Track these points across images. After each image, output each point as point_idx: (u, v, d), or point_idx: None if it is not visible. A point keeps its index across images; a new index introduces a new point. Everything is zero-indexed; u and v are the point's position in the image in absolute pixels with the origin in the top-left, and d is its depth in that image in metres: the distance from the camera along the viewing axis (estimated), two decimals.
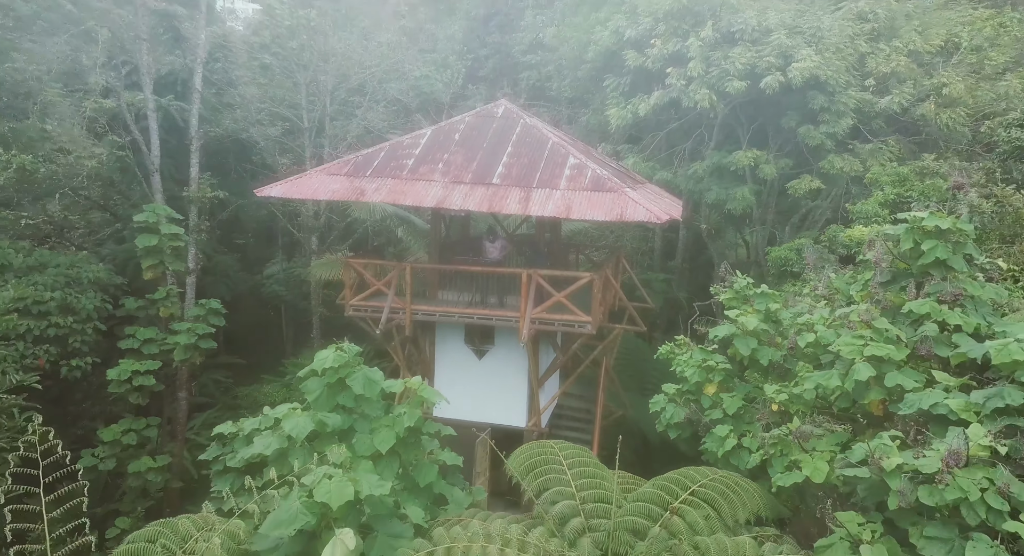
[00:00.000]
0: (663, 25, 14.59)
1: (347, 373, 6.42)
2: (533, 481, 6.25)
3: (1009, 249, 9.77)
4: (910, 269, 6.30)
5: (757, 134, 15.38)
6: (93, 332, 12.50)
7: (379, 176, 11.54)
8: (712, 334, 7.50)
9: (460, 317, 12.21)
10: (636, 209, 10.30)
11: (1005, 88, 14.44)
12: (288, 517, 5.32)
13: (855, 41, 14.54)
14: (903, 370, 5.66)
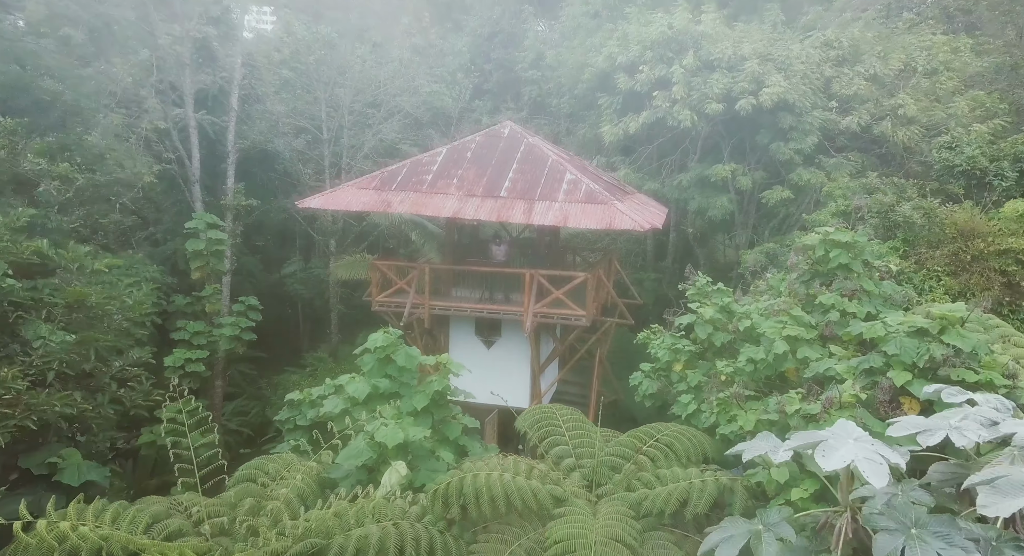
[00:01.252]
0: (651, 53, 16.64)
1: (392, 350, 8.48)
2: (536, 432, 8.30)
3: (934, 253, 11.83)
4: (822, 271, 8.36)
5: (736, 149, 17.42)
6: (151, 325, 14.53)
7: (403, 189, 13.60)
8: (677, 322, 9.56)
9: (471, 312, 14.29)
10: (623, 219, 12.35)
11: (954, 109, 16.46)
12: (356, 453, 7.40)
13: (821, 66, 16.59)
14: (812, 346, 7.71)
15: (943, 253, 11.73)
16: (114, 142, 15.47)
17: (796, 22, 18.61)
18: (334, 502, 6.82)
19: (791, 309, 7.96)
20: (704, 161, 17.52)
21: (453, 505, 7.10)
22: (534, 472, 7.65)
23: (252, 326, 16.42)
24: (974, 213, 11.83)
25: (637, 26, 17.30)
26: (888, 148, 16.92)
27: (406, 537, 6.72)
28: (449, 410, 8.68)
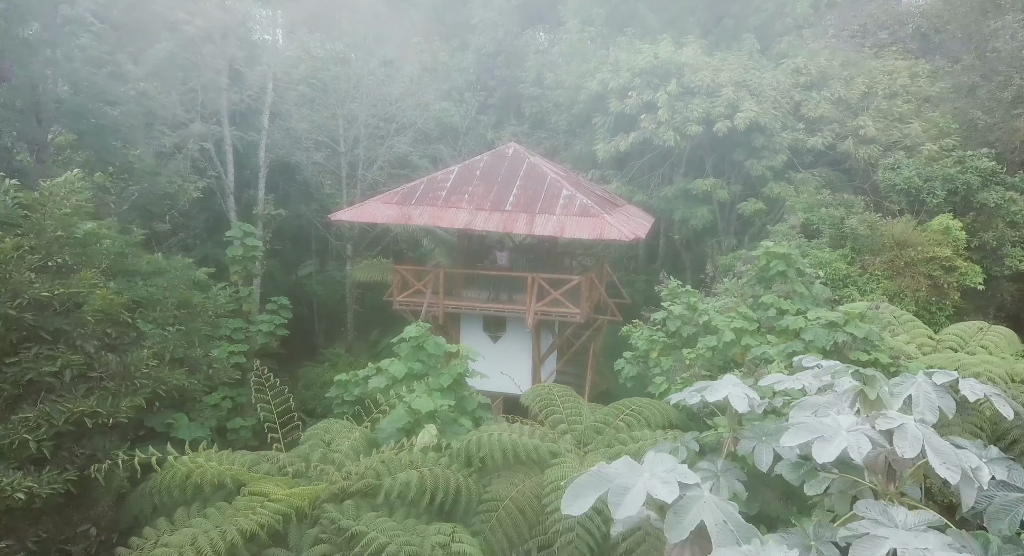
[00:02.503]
0: (639, 79, 18.92)
1: (423, 340, 10.75)
2: (538, 404, 10.58)
3: (875, 259, 14.12)
4: (765, 276, 10.64)
5: (716, 164, 19.70)
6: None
7: (421, 204, 15.89)
8: (653, 317, 11.84)
9: (480, 310, 16.58)
10: (611, 230, 14.63)
11: (909, 130, 18.74)
12: (398, 418, 9.69)
13: (791, 92, 18.89)
14: (753, 336, 9.99)
15: (882, 259, 14.03)
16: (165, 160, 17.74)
17: (771, 49, 20.89)
18: (382, 453, 9.09)
19: (739, 307, 10.24)
20: (688, 175, 19.80)
21: (473, 457, 9.36)
22: (536, 433, 9.92)
23: (284, 323, 18.71)
24: (908, 226, 14.13)
25: (627, 54, 19.58)
26: (852, 164, 19.19)
27: (438, 480, 8.97)
28: (468, 388, 10.95)
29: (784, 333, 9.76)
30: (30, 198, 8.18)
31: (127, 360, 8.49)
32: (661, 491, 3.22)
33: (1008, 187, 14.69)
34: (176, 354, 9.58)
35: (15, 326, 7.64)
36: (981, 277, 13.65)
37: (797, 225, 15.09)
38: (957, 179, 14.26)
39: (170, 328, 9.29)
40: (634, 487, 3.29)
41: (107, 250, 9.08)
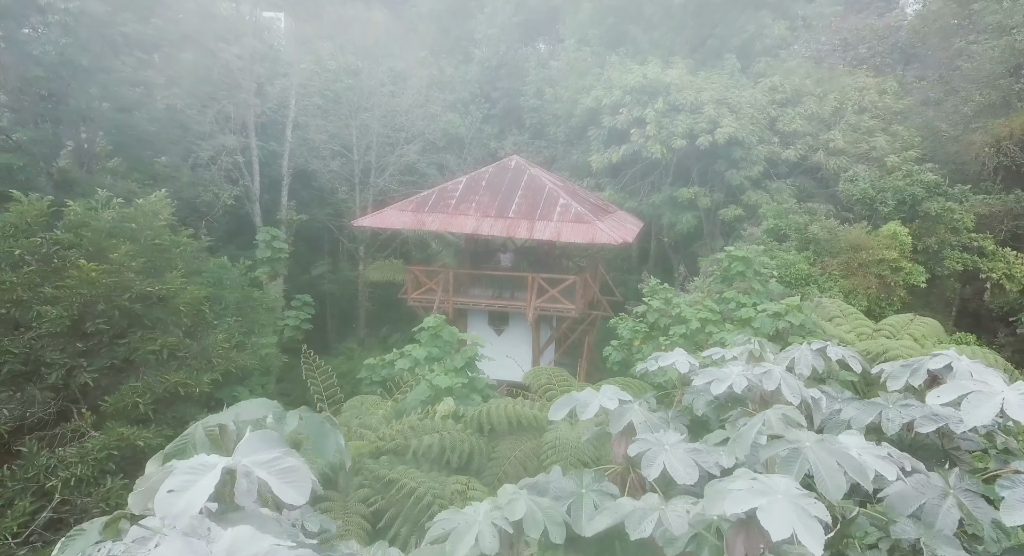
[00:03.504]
0: (629, 97, 21.14)
1: (440, 329, 12.97)
2: (537, 382, 12.80)
3: (833, 261, 16.34)
4: (727, 276, 12.87)
5: (701, 174, 21.92)
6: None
7: (433, 211, 18.11)
8: (635, 310, 14.07)
9: (485, 306, 18.81)
10: (602, 235, 16.86)
11: (875, 142, 20.94)
12: (421, 392, 11.92)
13: (767, 108, 21.10)
14: (716, 325, 12.20)
15: (839, 261, 16.26)
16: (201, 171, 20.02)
17: (751, 68, 23.10)
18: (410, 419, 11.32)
19: (704, 301, 12.47)
20: (675, 184, 22.01)
21: (484, 424, 11.57)
22: (535, 405, 12.14)
23: (309, 318, 20.95)
24: (862, 231, 16.35)
25: (619, 73, 21.81)
26: (823, 174, 21.40)
27: (455, 442, 11.19)
28: (477, 370, 13.18)
29: (740, 322, 11.97)
30: (130, 213, 10.42)
31: (204, 343, 10.74)
32: (608, 403, 5.45)
33: (949, 198, 16.93)
34: (238, 340, 11.83)
35: (126, 315, 9.87)
36: (924, 277, 15.87)
37: (756, 233, 17.30)
38: (905, 191, 16.50)
39: (232, 319, 11.54)
40: (592, 402, 5.53)
41: (184, 253, 11.32)
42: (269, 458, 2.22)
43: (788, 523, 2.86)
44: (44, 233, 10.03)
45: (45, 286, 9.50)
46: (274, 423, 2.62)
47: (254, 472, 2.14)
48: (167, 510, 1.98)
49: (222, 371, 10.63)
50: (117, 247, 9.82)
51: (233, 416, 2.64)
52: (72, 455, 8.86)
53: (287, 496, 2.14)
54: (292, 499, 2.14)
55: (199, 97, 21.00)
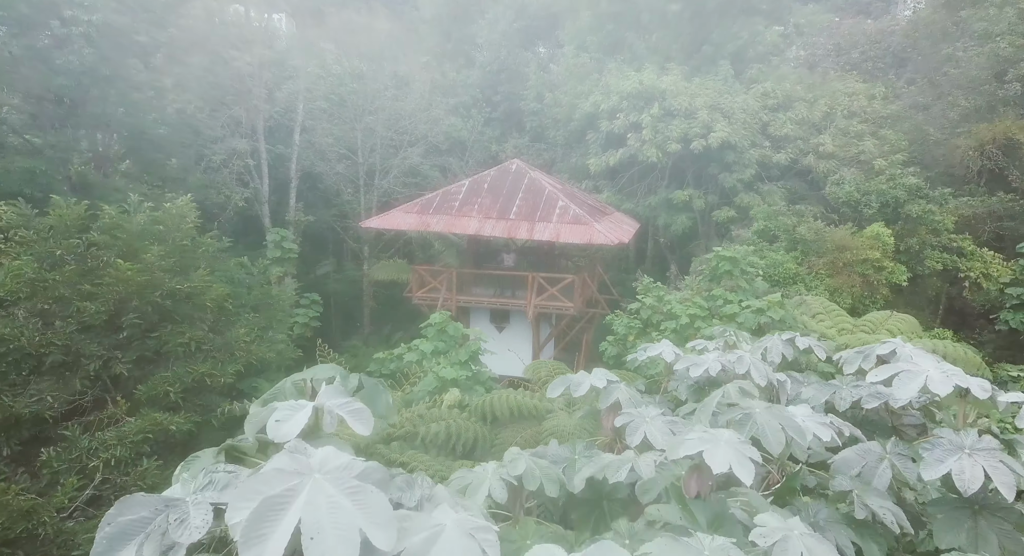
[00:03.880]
0: (626, 102, 22.02)
1: (445, 325, 13.85)
2: (536, 374, 13.67)
3: (819, 260, 17.22)
4: (716, 275, 13.75)
5: (695, 177, 22.79)
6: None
7: (437, 213, 18.98)
8: (629, 308, 14.94)
9: (487, 304, 19.68)
10: (599, 236, 17.73)
11: (863, 146, 21.79)
12: (428, 383, 12.81)
13: (759, 113, 21.97)
14: (704, 320, 13.08)
15: (825, 261, 17.14)
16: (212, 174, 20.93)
17: (744, 74, 23.97)
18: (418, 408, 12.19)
19: (694, 298, 13.35)
20: (670, 186, 22.90)
21: (487, 413, 12.45)
22: (535, 396, 13.03)
23: (317, 315, 21.84)
24: (847, 232, 17.23)
25: (616, 79, 22.69)
26: (814, 177, 22.27)
27: (460, 429, 12.06)
28: (481, 363, 14.06)
29: (726, 318, 12.86)
30: (159, 216, 11.31)
31: (227, 337, 11.62)
32: (598, 383, 6.34)
33: (929, 200, 17.80)
34: (257, 335, 12.71)
35: (156, 310, 10.76)
36: (906, 275, 16.75)
37: (743, 234, 18.19)
38: (888, 193, 17.39)
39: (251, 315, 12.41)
40: (584, 382, 6.42)
41: (207, 254, 12.20)
42: (342, 402, 3.10)
43: (726, 461, 3.74)
44: (81, 235, 10.91)
45: (84, 284, 10.38)
46: (340, 380, 3.50)
47: (334, 410, 3.02)
48: (276, 434, 2.86)
49: (243, 363, 11.52)
50: (148, 248, 10.71)
51: (310, 375, 3.52)
52: (111, 438, 9.74)
53: (357, 428, 3.02)
54: (361, 430, 3.02)
55: (209, 102, 21.91)
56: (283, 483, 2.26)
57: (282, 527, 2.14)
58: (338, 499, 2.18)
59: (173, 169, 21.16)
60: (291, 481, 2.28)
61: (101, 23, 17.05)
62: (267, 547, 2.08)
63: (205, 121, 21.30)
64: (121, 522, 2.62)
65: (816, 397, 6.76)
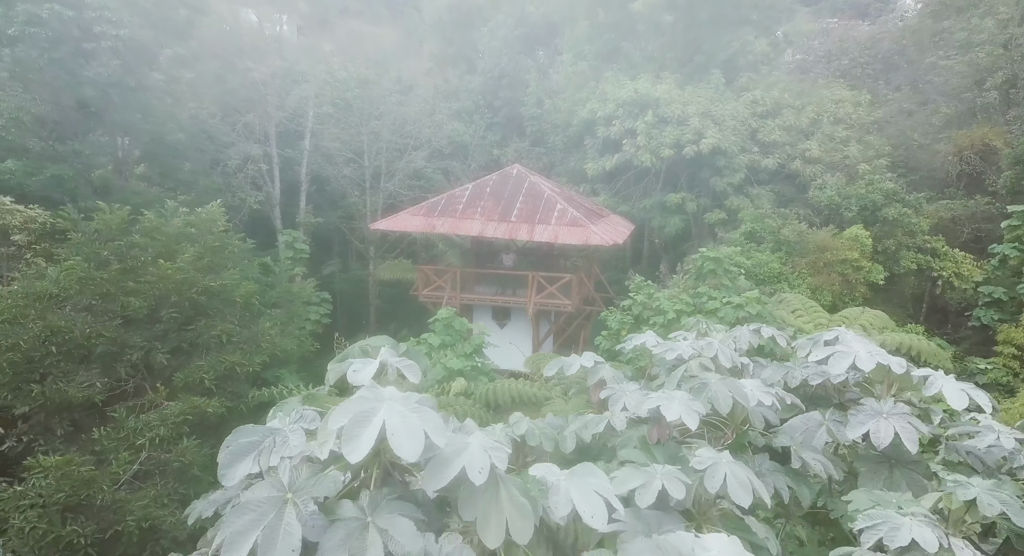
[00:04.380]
0: (622, 110, 23.24)
1: (451, 320, 15.07)
2: (536, 365, 14.89)
3: (802, 260, 18.43)
4: (702, 273, 14.96)
5: (688, 181, 24.00)
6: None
7: (442, 215, 20.20)
8: (622, 304, 16.16)
9: (489, 302, 20.89)
10: (595, 237, 18.93)
11: (848, 151, 23.00)
12: (436, 373, 14.03)
13: (748, 120, 23.19)
14: (690, 315, 14.28)
15: (807, 261, 18.37)
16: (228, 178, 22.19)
17: (735, 82, 25.18)
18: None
19: (681, 295, 14.57)
20: (664, 190, 24.12)
21: (491, 400, 13.66)
22: (534, 385, 14.25)
23: (328, 313, 23.07)
24: (827, 234, 18.45)
25: (612, 87, 23.91)
26: (801, 180, 23.48)
27: (467, 414, 13.28)
28: (485, 356, 15.28)
29: (708, 313, 14.07)
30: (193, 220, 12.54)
31: (254, 331, 12.85)
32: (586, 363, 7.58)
33: (905, 204, 19.03)
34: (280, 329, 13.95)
35: (192, 305, 11.99)
36: (882, 274, 17.98)
37: (726, 236, 19.43)
38: (866, 197, 18.62)
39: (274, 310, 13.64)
40: (575, 363, 7.65)
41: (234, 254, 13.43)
42: (397, 359, 4.33)
43: (677, 412, 4.96)
44: (123, 237, 12.14)
45: (127, 281, 11.60)
46: (392, 346, 4.71)
47: (393, 364, 4.25)
48: (355, 379, 4.09)
49: (268, 354, 12.75)
50: (185, 249, 11.94)
51: (372, 342, 4.75)
52: (154, 420, 10.96)
53: (410, 377, 4.25)
54: (412, 379, 4.25)
55: (223, 108, 23.16)
56: (367, 405, 3.50)
57: (369, 429, 3.37)
58: (406, 413, 3.42)
59: (188, 173, 22.45)
60: (372, 404, 3.51)
61: (128, 37, 18.26)
62: (361, 441, 3.32)
63: (219, 127, 22.54)
64: (239, 444, 3.88)
65: (773, 376, 8.00)
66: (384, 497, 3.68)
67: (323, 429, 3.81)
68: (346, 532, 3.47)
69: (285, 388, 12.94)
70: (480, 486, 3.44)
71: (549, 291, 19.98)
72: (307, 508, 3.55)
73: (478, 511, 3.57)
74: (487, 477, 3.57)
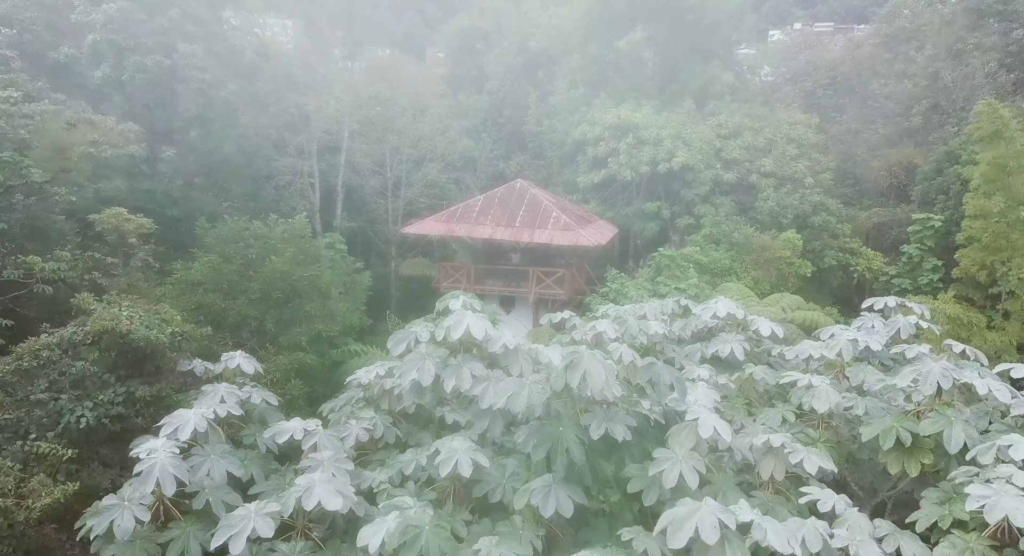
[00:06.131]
0: (607, 132, 28.64)
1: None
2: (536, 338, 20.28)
3: (748, 258, 23.83)
4: (660, 267, 20.36)
5: (664, 192, 29.37)
6: None
7: (459, 221, 25.61)
8: (601, 291, 21.56)
9: (498, 293, 26.31)
10: (583, 239, 24.34)
11: (796, 167, 28.35)
12: None
13: (713, 141, 28.57)
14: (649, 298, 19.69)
15: (752, 258, 23.78)
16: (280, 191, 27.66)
17: (704, 108, 30.54)
18: None
19: (644, 283, 19.99)
20: (643, 199, 29.50)
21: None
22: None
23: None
24: (769, 237, 23.82)
25: (600, 113, 29.30)
26: (756, 192, 28.84)
27: None
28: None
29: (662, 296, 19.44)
30: (289, 227, 17.96)
31: (331, 307, 18.27)
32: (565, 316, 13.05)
33: (829, 213, 24.42)
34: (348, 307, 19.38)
35: (292, 289, 17.41)
36: (811, 269, 23.38)
37: (676, 241, 24.85)
38: (798, 208, 24.02)
39: (344, 294, 19.07)
40: (557, 316, 13.14)
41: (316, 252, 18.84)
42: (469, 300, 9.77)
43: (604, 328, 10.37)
44: (239, 241, 17.56)
45: (247, 272, 17.02)
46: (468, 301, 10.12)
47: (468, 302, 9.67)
48: (452, 306, 9.54)
49: (342, 325, 18.17)
50: (285, 249, 17.36)
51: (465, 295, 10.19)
52: (270, 368, 16.34)
53: (477, 308, 9.68)
54: (479, 308, 9.69)
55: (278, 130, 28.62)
56: (460, 316, 9.10)
57: (462, 326, 8.92)
58: (477, 319, 8.91)
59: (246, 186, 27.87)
60: (461, 316, 9.05)
61: (212, 80, 23.68)
62: (458, 331, 8.92)
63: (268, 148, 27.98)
64: (399, 335, 9.50)
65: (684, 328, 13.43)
66: (468, 358, 9.21)
67: (440, 327, 9.31)
68: (452, 370, 9.07)
69: (350, 349, 18.35)
70: (511, 349, 8.94)
71: (546, 283, 25.37)
72: (434, 362, 9.15)
73: (509, 362, 9.09)
74: (513, 345, 9.06)
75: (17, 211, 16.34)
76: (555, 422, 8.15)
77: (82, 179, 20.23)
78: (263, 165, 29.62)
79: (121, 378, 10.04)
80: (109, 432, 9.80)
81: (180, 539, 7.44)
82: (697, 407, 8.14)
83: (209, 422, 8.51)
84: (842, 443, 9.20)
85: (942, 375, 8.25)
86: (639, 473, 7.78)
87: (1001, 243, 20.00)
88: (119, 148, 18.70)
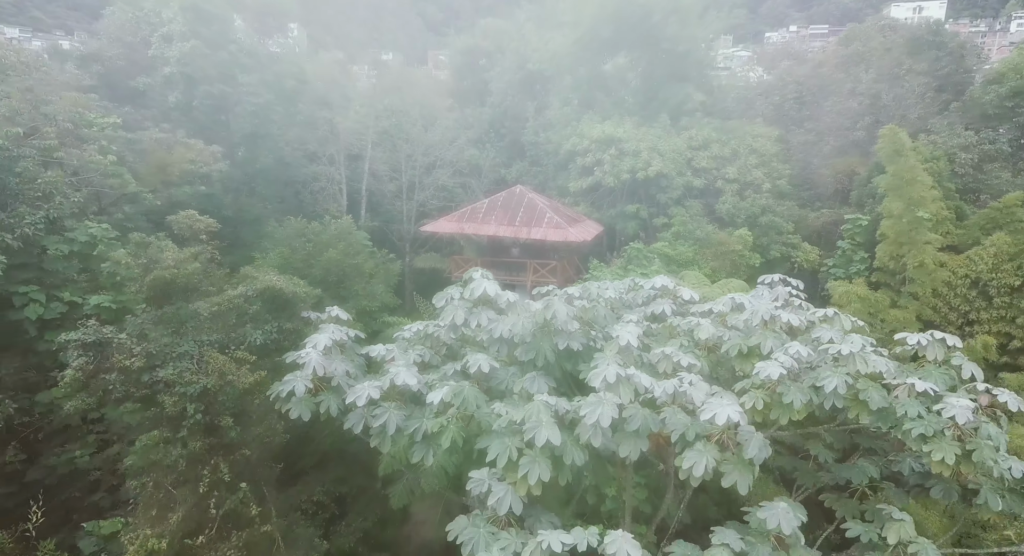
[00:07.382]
0: (594, 145, 34.73)
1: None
2: None
3: (709, 251, 29.91)
4: (632, 258, 26.40)
5: (643, 195, 35.43)
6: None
7: (468, 221, 31.69)
8: (584, 278, 27.61)
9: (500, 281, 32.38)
10: (572, 236, 30.43)
11: (757, 173, 34.38)
12: None
13: (685, 152, 34.66)
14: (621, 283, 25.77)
15: (711, 251, 29.85)
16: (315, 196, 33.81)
17: (679, 123, 36.61)
18: None
19: (616, 271, 26.04)
20: (625, 202, 35.58)
21: None
22: None
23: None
24: (725, 234, 29.88)
25: (588, 128, 35.39)
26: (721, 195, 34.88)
27: None
28: None
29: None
30: (340, 226, 24.08)
31: (373, 288, 24.40)
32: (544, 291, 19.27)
33: (775, 214, 30.47)
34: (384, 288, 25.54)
35: (345, 273, 23.52)
36: (759, 260, 29.44)
37: (649, 238, 30.91)
38: (749, 210, 30.08)
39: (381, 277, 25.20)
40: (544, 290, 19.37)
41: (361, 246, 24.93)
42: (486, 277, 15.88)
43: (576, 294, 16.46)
44: (301, 237, 23.65)
45: (310, 261, 23.10)
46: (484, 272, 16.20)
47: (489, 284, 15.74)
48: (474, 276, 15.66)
49: (381, 302, 24.30)
50: (337, 243, 23.47)
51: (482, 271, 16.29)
52: None
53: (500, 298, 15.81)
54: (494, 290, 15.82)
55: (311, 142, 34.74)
56: (480, 282, 15.20)
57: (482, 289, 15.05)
58: (493, 284, 15.04)
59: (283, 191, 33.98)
60: (480, 281, 15.20)
61: (263, 103, 29.77)
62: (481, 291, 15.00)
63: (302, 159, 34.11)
64: (440, 294, 15.80)
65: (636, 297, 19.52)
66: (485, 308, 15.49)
67: (467, 289, 15.63)
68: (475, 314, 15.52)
69: (385, 320, 24.43)
70: (512, 303, 15.26)
71: (542, 273, 31.44)
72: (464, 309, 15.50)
73: (510, 311, 15.39)
74: (514, 300, 15.36)
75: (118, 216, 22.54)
76: (538, 341, 14.26)
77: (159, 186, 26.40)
78: (296, 172, 35.79)
79: (274, 317, 16.24)
80: (270, 348, 16.06)
81: (326, 401, 13.50)
82: (622, 332, 14.20)
83: (334, 341, 14.60)
84: (711, 355, 15.29)
85: (765, 311, 14.35)
86: (586, 369, 13.85)
87: (903, 238, 26.04)
88: (209, 166, 24.78)
